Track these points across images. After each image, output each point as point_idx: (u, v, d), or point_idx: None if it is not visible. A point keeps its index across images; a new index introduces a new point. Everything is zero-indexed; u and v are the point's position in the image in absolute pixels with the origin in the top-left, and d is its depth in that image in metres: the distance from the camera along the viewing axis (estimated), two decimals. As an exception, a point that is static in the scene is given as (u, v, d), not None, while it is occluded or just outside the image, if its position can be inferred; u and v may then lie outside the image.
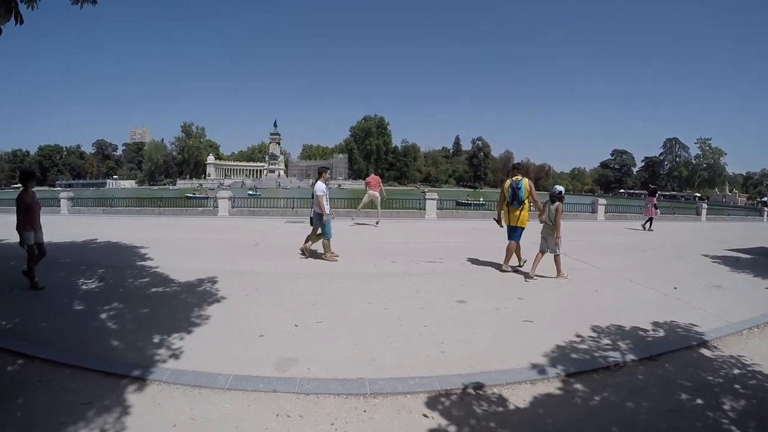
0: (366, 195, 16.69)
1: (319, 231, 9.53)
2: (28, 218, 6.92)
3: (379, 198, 16.71)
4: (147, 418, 3.42)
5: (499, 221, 9.00)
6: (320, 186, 9.27)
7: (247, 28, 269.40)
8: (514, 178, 8.47)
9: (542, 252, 8.27)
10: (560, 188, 8.28)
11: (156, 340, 4.92)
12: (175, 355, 4.53)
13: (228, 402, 3.67)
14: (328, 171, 10.09)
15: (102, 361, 4.37)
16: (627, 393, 3.86)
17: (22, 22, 4.71)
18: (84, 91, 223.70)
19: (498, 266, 8.92)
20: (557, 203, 8.09)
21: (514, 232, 8.54)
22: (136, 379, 4.02)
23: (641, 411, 3.61)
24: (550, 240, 8.18)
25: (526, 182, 8.42)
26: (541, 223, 8.45)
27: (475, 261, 9.67)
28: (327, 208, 9.22)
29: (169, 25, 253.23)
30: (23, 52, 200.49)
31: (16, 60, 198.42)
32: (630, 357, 4.58)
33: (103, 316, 5.74)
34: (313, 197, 9.44)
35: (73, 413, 3.46)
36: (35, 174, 7.77)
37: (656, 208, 18.94)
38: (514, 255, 8.78)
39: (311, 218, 9.61)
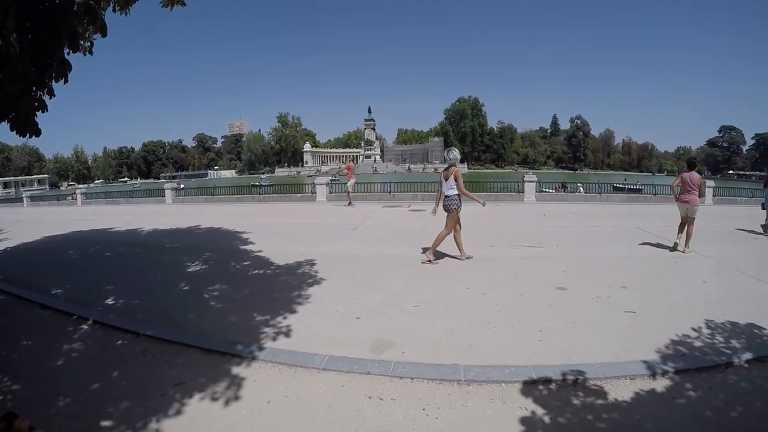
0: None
1: None
2: None
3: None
4: (242, 393, 3.70)
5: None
6: None
7: (335, 16, 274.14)
8: None
9: None
10: None
11: (255, 319, 5.32)
12: (273, 335, 4.86)
13: (322, 382, 3.85)
14: None
15: (203, 338, 4.81)
16: (732, 396, 3.60)
17: (105, 35, 4.65)
18: (183, 89, 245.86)
19: (599, 252, 8.94)
20: None
21: None
22: (234, 356, 4.37)
23: (750, 418, 3.31)
24: None
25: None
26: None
27: (575, 246, 9.58)
28: None
29: (257, 19, 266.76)
30: (126, 56, 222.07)
31: (119, 64, 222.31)
32: (737, 357, 4.23)
33: (206, 296, 6.34)
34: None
35: (172, 385, 3.85)
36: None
37: None
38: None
39: None
